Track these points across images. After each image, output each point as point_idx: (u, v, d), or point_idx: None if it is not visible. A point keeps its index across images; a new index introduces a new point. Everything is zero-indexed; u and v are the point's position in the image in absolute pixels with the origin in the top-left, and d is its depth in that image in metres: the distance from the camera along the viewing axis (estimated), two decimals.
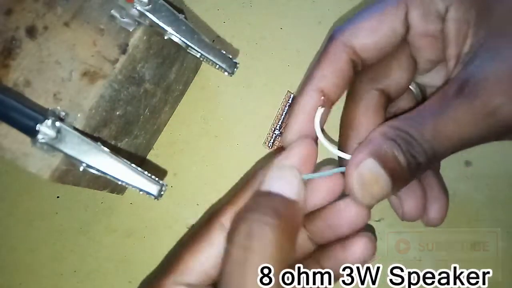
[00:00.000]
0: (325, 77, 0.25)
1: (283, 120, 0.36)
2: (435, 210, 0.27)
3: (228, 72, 0.27)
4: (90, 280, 0.37)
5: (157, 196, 0.25)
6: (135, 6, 0.26)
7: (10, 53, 0.27)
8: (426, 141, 0.22)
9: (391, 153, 0.22)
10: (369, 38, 0.25)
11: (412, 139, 0.22)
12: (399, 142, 0.22)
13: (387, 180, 0.23)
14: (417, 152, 0.22)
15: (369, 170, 0.23)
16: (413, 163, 0.22)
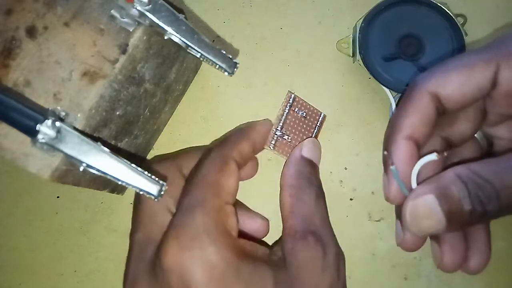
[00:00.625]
0: (415, 125, 0.25)
1: (284, 121, 0.34)
2: (476, 261, 0.28)
3: (228, 72, 0.27)
4: (90, 280, 0.37)
5: (157, 196, 0.25)
6: (135, 6, 0.26)
7: (10, 53, 0.27)
8: (506, 188, 0.21)
9: (456, 194, 0.22)
10: (456, 90, 0.25)
11: (487, 184, 0.22)
12: (470, 186, 0.22)
13: (441, 220, 0.23)
14: (489, 199, 0.21)
15: (424, 204, 0.23)
16: (478, 210, 0.22)
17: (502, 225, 0.36)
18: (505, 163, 0.23)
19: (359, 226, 0.37)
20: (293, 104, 0.35)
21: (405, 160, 0.25)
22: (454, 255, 0.26)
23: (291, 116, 0.35)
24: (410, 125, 0.25)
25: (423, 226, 0.24)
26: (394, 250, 0.36)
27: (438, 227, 0.23)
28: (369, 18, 0.37)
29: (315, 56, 0.40)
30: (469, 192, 0.22)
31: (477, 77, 0.24)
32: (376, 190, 0.37)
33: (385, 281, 0.36)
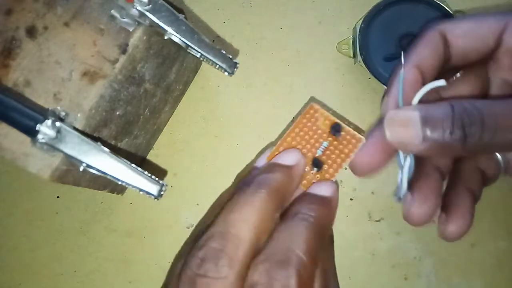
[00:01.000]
0: (424, 57, 0.25)
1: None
2: (454, 226, 0.27)
3: (228, 72, 0.27)
4: (90, 280, 0.37)
5: (157, 196, 0.25)
6: (135, 6, 0.26)
7: (10, 53, 0.27)
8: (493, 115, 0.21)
9: (440, 113, 0.22)
10: (462, 35, 0.25)
11: (475, 109, 0.21)
12: (456, 109, 0.22)
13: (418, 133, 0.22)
14: (471, 122, 0.21)
15: (406, 114, 0.23)
16: (458, 133, 0.21)
17: (502, 225, 0.36)
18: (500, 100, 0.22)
19: (359, 226, 0.37)
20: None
21: (411, 83, 0.25)
22: (424, 206, 0.26)
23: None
24: (419, 55, 0.25)
25: (399, 134, 0.23)
26: (394, 250, 0.36)
27: (414, 141, 0.22)
28: (369, 18, 0.37)
29: (315, 56, 0.40)
30: (453, 113, 0.22)
31: (484, 28, 0.25)
32: (376, 190, 0.37)
33: (385, 281, 0.36)
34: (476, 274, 0.35)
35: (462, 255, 0.36)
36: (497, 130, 0.21)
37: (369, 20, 0.37)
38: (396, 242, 0.36)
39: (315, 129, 0.25)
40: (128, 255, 0.37)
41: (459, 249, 0.36)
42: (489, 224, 0.36)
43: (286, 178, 0.23)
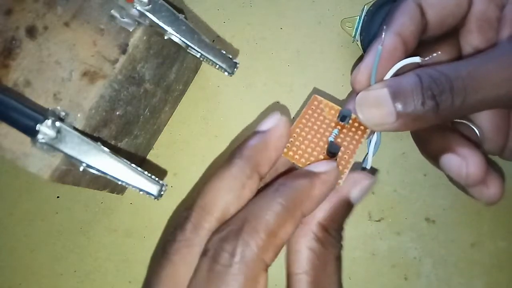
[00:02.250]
0: (403, 24, 0.25)
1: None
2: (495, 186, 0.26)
3: (228, 72, 0.27)
4: (90, 280, 0.37)
5: (157, 196, 0.25)
6: (135, 6, 0.26)
7: (10, 53, 0.27)
8: (460, 79, 0.21)
9: (409, 86, 0.22)
10: (437, 2, 0.25)
11: (442, 76, 0.21)
12: (424, 79, 0.21)
13: (391, 112, 0.22)
14: (441, 90, 0.21)
15: (375, 94, 0.22)
16: (430, 103, 0.21)
17: (502, 225, 0.36)
18: (465, 60, 0.22)
19: (359, 226, 0.37)
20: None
21: (390, 50, 0.24)
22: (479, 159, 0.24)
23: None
24: (398, 23, 0.25)
25: (372, 115, 0.23)
26: (394, 250, 0.36)
27: (388, 120, 0.22)
28: (379, 3, 0.37)
29: (315, 56, 0.40)
30: (422, 84, 0.21)
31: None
32: (376, 190, 0.37)
33: (385, 281, 0.36)
34: (476, 274, 0.35)
35: (462, 255, 0.36)
36: (466, 92, 0.21)
37: (379, 5, 0.37)
38: (396, 242, 0.36)
39: (322, 119, 0.24)
40: (128, 255, 0.37)
41: (459, 249, 0.36)
42: (489, 224, 0.36)
43: (260, 143, 0.22)
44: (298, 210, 0.21)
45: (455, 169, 0.24)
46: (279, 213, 0.20)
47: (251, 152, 0.22)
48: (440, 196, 0.37)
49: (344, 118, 0.24)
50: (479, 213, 0.37)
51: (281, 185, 0.22)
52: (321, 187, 0.22)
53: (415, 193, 0.37)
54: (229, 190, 0.21)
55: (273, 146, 0.23)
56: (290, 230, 0.21)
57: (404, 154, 0.38)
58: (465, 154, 0.24)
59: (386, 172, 0.38)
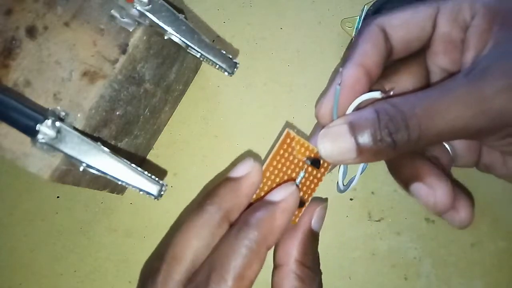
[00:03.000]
0: (366, 52, 0.25)
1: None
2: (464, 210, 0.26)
3: (228, 72, 0.27)
4: (90, 280, 0.37)
5: (157, 196, 0.25)
6: (135, 6, 0.26)
7: (10, 53, 0.27)
8: (415, 116, 0.22)
9: (367, 124, 0.22)
10: (401, 26, 0.26)
11: (398, 113, 0.22)
12: (381, 116, 0.22)
13: (351, 148, 0.22)
14: (397, 128, 0.22)
15: (336, 131, 0.23)
16: (387, 140, 0.22)
17: (502, 225, 0.36)
18: (422, 92, 0.23)
19: (359, 226, 0.37)
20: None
21: (351, 84, 0.24)
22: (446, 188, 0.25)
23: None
24: (361, 52, 0.25)
25: (333, 152, 0.23)
26: (394, 250, 0.36)
27: (349, 156, 0.23)
28: (378, 4, 0.37)
29: (315, 56, 0.40)
30: (379, 122, 0.22)
31: (420, 15, 0.26)
32: (376, 190, 0.37)
33: (385, 281, 0.36)
34: (476, 274, 0.35)
35: (462, 255, 0.36)
36: (421, 129, 0.22)
37: (379, 5, 0.37)
38: (396, 242, 0.36)
39: (292, 159, 0.25)
40: (128, 255, 0.37)
41: (459, 249, 0.36)
42: (489, 224, 0.36)
43: (232, 191, 0.23)
44: (263, 247, 0.22)
45: (424, 198, 0.25)
46: (244, 255, 0.21)
47: (222, 200, 0.23)
48: None
49: (314, 164, 0.25)
50: (479, 213, 0.37)
51: (243, 225, 0.22)
52: (282, 217, 0.23)
53: None
54: (199, 239, 0.22)
55: (244, 194, 0.23)
56: (257, 268, 0.21)
57: None
58: (432, 184, 0.25)
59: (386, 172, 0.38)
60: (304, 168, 0.25)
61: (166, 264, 0.22)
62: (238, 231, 0.22)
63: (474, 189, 0.37)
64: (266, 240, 0.22)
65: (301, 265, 0.24)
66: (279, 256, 0.24)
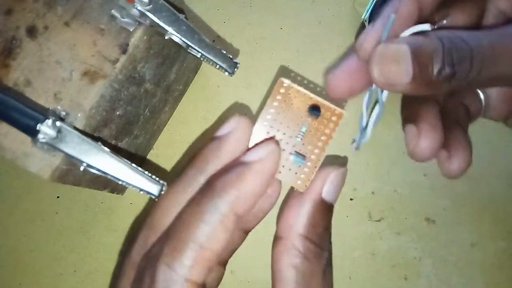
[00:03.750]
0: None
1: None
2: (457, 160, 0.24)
3: (228, 72, 0.27)
4: (90, 280, 0.36)
5: (157, 196, 0.25)
6: (135, 6, 0.26)
7: (10, 53, 0.27)
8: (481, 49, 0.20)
9: (430, 48, 0.20)
10: None
11: (464, 44, 0.20)
12: (446, 44, 0.20)
13: (408, 70, 0.20)
14: (461, 58, 0.20)
15: (396, 48, 0.21)
16: (448, 70, 0.20)
17: (502, 225, 0.36)
18: (487, 30, 0.21)
19: (359, 226, 0.37)
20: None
21: (404, 16, 0.22)
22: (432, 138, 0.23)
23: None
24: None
25: (389, 71, 0.21)
26: (394, 250, 0.36)
27: (403, 79, 0.21)
28: None
29: (315, 56, 0.40)
30: (443, 48, 0.20)
31: None
32: (376, 190, 0.37)
33: (385, 281, 0.36)
34: (476, 274, 0.35)
35: (462, 255, 0.36)
36: (484, 64, 0.20)
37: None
38: (396, 242, 0.36)
39: (289, 112, 0.21)
40: None
41: (459, 249, 0.36)
42: (489, 224, 0.36)
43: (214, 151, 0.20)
44: (230, 214, 0.19)
45: (406, 140, 0.24)
46: (206, 223, 0.18)
47: (203, 162, 0.20)
48: (440, 196, 0.37)
49: (314, 112, 0.21)
50: (479, 213, 0.37)
51: (207, 189, 0.19)
52: (254, 180, 0.19)
53: (415, 193, 0.37)
54: (176, 205, 0.20)
55: (228, 152, 0.20)
56: (222, 239, 0.19)
57: (404, 154, 0.38)
58: (421, 129, 0.23)
59: (386, 172, 0.38)
60: (307, 122, 0.21)
61: (143, 233, 0.20)
62: (201, 196, 0.19)
63: (474, 189, 0.37)
64: (234, 207, 0.19)
65: (305, 240, 0.20)
66: (281, 227, 0.21)
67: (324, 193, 0.21)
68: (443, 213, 0.37)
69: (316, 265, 0.20)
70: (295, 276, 0.20)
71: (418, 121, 0.23)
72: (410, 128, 0.24)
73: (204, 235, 0.18)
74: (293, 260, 0.20)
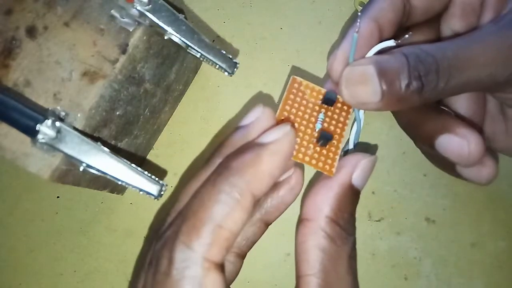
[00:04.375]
0: (382, 9, 0.24)
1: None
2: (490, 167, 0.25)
3: (228, 72, 0.27)
4: (90, 280, 0.36)
5: (157, 196, 0.25)
6: (135, 6, 0.26)
7: (10, 53, 0.27)
8: (446, 59, 0.20)
9: (395, 65, 0.21)
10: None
11: (429, 56, 0.21)
12: (411, 59, 0.21)
13: (376, 90, 0.21)
14: (427, 70, 0.20)
15: (361, 70, 0.21)
16: (415, 83, 0.20)
17: (502, 225, 0.36)
18: (450, 40, 0.22)
19: (359, 226, 0.36)
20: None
21: (365, 36, 0.23)
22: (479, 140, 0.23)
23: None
24: (377, 8, 0.24)
25: (357, 93, 0.21)
26: (394, 250, 0.36)
27: (374, 99, 0.21)
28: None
29: (315, 56, 0.40)
30: (408, 64, 0.21)
31: None
32: (376, 190, 0.37)
33: (385, 281, 0.36)
34: (476, 274, 0.35)
35: (462, 255, 0.36)
36: (451, 73, 0.21)
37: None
38: (396, 242, 0.36)
39: (305, 104, 0.23)
40: (128, 255, 0.37)
41: (459, 249, 0.36)
42: (489, 224, 0.36)
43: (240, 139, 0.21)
44: (247, 194, 0.19)
45: (455, 149, 0.23)
46: (223, 202, 0.18)
47: (229, 149, 0.21)
48: (440, 196, 0.37)
49: (330, 101, 0.23)
50: (479, 213, 0.37)
51: (223, 168, 0.20)
52: (270, 160, 0.19)
53: (415, 193, 0.37)
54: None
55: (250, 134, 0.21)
56: (239, 218, 0.18)
57: (404, 154, 0.38)
58: (464, 134, 0.23)
59: (386, 172, 0.38)
60: (322, 111, 0.23)
61: (170, 217, 0.20)
62: (217, 176, 0.19)
63: (474, 189, 0.37)
64: (250, 186, 0.19)
65: (332, 223, 0.20)
66: (307, 210, 0.21)
67: (354, 179, 0.22)
68: (443, 213, 0.37)
69: (342, 249, 0.20)
70: (321, 258, 0.20)
71: (454, 129, 0.23)
72: (451, 138, 0.23)
73: (222, 214, 0.18)
74: (320, 242, 0.20)
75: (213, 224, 0.18)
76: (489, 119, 0.28)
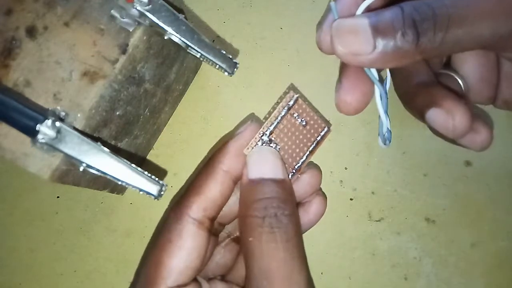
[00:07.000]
0: None
1: (277, 125, 0.26)
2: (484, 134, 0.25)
3: (228, 72, 0.27)
4: (90, 280, 0.37)
5: (157, 196, 0.25)
6: (135, 6, 0.26)
7: (10, 53, 0.27)
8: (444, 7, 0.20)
9: (389, 15, 0.20)
10: None
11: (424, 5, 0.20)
12: (406, 8, 0.20)
13: (368, 39, 0.20)
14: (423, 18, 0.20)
15: (353, 20, 0.21)
16: (410, 32, 0.20)
17: (502, 225, 0.36)
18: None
19: (359, 226, 0.37)
20: (294, 107, 0.27)
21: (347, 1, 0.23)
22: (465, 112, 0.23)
23: (287, 121, 0.27)
24: None
25: (348, 42, 0.21)
26: (394, 250, 0.36)
27: (366, 49, 0.20)
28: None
29: (315, 56, 0.40)
30: (403, 13, 0.20)
31: None
32: (376, 190, 0.37)
33: (385, 281, 0.36)
34: (476, 274, 0.35)
35: (462, 255, 0.36)
36: (449, 22, 0.20)
37: None
38: (396, 242, 0.36)
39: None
40: (128, 255, 0.37)
41: (459, 249, 0.36)
42: (489, 224, 0.36)
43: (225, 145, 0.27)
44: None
45: (441, 123, 0.24)
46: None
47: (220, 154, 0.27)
48: (440, 196, 0.37)
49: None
50: (479, 213, 0.37)
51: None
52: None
53: (415, 193, 0.37)
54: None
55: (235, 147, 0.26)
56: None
57: (404, 154, 0.38)
58: (449, 107, 0.23)
59: (386, 172, 0.38)
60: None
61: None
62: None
63: (475, 189, 0.37)
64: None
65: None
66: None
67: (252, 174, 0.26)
68: (443, 213, 0.37)
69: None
70: None
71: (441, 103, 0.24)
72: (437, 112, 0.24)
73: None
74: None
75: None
76: (505, 82, 0.26)
